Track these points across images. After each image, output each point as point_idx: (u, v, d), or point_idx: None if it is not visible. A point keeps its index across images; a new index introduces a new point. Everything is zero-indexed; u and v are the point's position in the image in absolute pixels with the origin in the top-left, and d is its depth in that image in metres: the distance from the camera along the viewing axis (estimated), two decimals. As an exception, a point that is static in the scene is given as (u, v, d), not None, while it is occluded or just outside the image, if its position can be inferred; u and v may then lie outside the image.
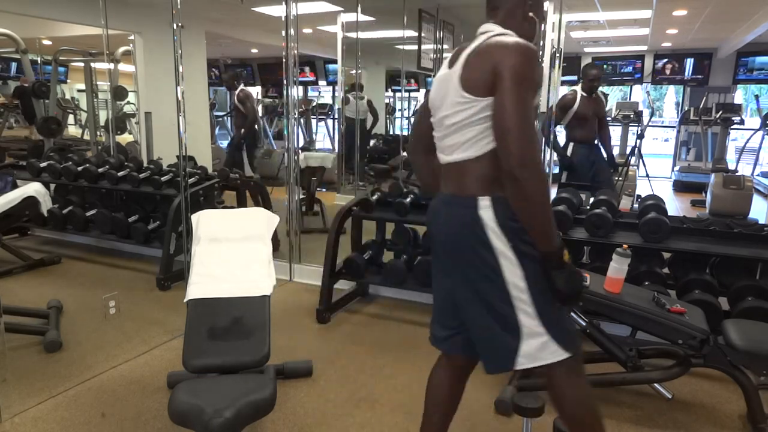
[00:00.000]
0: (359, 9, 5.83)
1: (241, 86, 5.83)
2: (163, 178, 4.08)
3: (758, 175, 8.09)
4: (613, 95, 11.21)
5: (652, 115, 8.76)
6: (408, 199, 3.26)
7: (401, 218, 3.27)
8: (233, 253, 2.40)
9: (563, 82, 9.84)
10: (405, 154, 5.66)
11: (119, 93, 6.54)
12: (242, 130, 5.88)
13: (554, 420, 1.85)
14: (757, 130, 8.03)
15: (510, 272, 1.44)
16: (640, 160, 6.68)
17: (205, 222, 2.52)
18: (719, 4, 5.87)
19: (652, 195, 3.26)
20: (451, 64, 1.51)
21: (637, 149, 6.64)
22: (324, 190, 6.52)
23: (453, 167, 1.52)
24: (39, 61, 7.86)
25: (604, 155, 4.48)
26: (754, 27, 6.59)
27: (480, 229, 1.43)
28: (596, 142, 4.46)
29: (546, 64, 4.28)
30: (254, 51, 10.72)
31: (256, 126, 6.17)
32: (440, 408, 1.75)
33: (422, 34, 6.00)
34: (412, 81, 10.39)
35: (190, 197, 3.57)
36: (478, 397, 2.41)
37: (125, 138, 7.14)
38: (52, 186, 4.59)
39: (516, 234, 1.42)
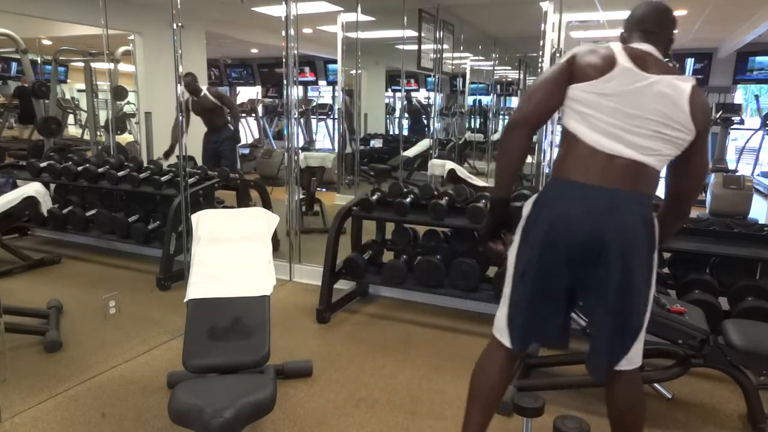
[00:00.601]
0: (359, 9, 5.83)
1: (205, 87, 5.65)
2: (163, 178, 4.08)
3: (758, 175, 8.09)
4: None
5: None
6: (408, 199, 3.26)
7: (401, 218, 3.27)
8: (233, 253, 2.40)
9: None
10: (435, 163, 5.39)
11: (119, 93, 6.54)
12: (229, 125, 5.70)
13: (554, 420, 1.85)
14: (757, 130, 8.04)
15: (654, 273, 1.56)
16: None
17: (205, 222, 2.52)
18: (719, 4, 5.88)
19: (652, 195, 3.25)
20: (645, 68, 1.52)
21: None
22: (324, 190, 6.52)
23: (634, 165, 1.51)
24: (39, 61, 7.87)
25: None
26: (754, 27, 6.60)
27: (652, 228, 1.54)
28: None
29: (546, 64, 4.28)
30: (254, 51, 10.72)
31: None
32: (496, 401, 1.71)
33: (422, 34, 6.00)
34: (412, 81, 10.40)
35: (190, 197, 3.57)
36: (478, 397, 2.41)
37: (125, 138, 7.15)
38: (52, 186, 4.59)
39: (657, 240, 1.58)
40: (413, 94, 10.61)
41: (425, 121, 10.07)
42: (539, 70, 4.38)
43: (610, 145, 1.50)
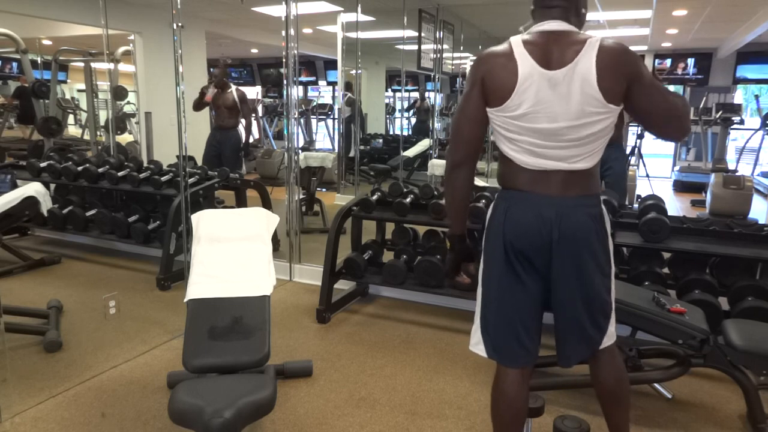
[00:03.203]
0: (359, 9, 5.83)
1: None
2: (163, 178, 4.08)
3: (758, 175, 8.09)
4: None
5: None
6: (408, 199, 3.26)
7: (401, 218, 3.27)
8: (233, 253, 2.40)
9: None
10: (435, 163, 5.36)
11: (119, 93, 6.54)
12: (238, 129, 5.52)
13: (554, 420, 1.85)
14: (757, 130, 8.04)
15: (611, 254, 1.64)
16: (640, 160, 6.68)
17: (205, 222, 2.52)
18: (719, 4, 5.87)
19: (652, 195, 3.26)
20: (548, 65, 1.46)
21: (637, 149, 6.64)
22: (324, 190, 6.52)
23: (567, 175, 1.55)
24: (39, 61, 7.87)
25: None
26: (754, 27, 6.59)
27: (603, 221, 1.61)
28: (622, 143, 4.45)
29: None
30: (254, 51, 10.73)
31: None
32: (522, 421, 1.71)
33: (422, 34, 6.00)
34: (409, 81, 10.40)
35: (190, 197, 3.57)
36: (478, 397, 2.41)
37: (125, 138, 7.14)
38: (52, 186, 4.59)
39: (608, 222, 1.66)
40: (413, 94, 10.61)
41: (429, 122, 10.10)
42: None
43: (537, 162, 1.55)
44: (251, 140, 6.34)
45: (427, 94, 10.51)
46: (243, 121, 5.56)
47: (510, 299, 1.62)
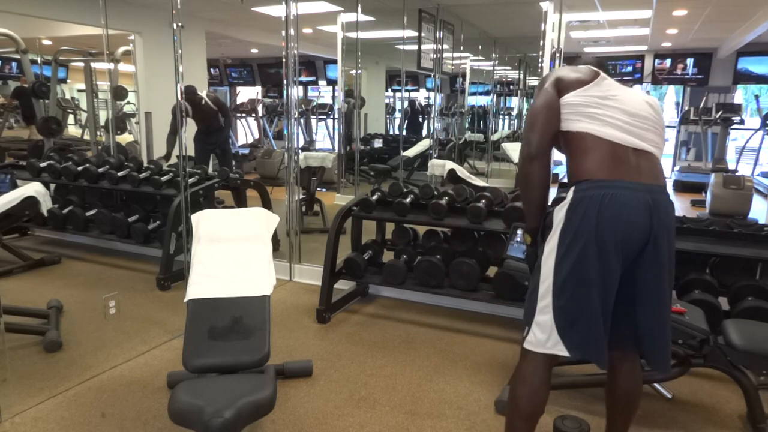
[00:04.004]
0: (359, 9, 5.83)
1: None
2: (163, 178, 4.08)
3: (758, 175, 8.09)
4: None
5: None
6: (408, 199, 3.26)
7: (401, 218, 3.27)
8: (233, 253, 2.40)
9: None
10: (435, 163, 5.20)
11: (119, 93, 6.54)
12: (223, 126, 6.04)
13: (554, 420, 1.85)
14: (757, 130, 8.04)
15: None
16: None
17: (205, 222, 2.52)
18: (719, 4, 5.88)
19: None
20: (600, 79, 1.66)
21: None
22: (324, 190, 6.52)
23: (651, 157, 1.60)
24: (39, 61, 7.87)
25: None
26: (754, 27, 6.60)
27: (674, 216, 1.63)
28: None
29: (546, 64, 4.28)
30: (254, 51, 10.72)
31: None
32: (540, 413, 1.69)
33: (422, 34, 6.00)
34: (409, 81, 10.42)
35: (190, 197, 3.57)
36: (478, 397, 2.41)
37: (125, 138, 7.14)
38: (52, 186, 4.59)
39: None
40: (413, 94, 10.62)
41: (422, 123, 10.14)
42: (539, 70, 4.38)
43: (625, 138, 1.58)
44: (252, 141, 6.61)
45: (427, 94, 10.53)
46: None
47: (601, 296, 1.54)
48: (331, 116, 10.13)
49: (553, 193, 1.95)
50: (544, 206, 1.69)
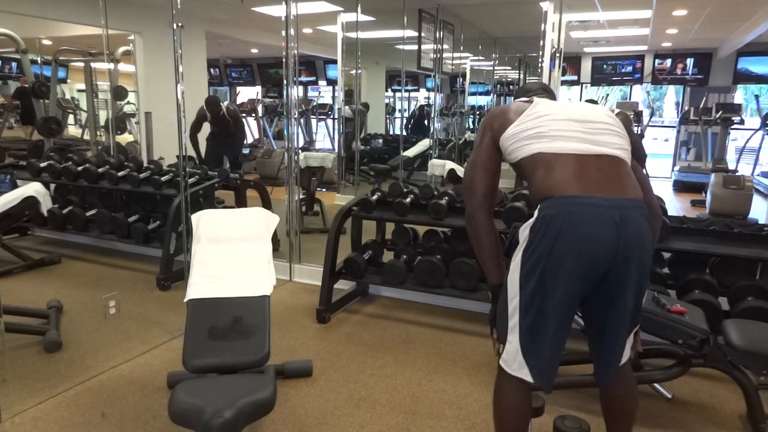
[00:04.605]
0: (359, 9, 5.83)
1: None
2: (163, 178, 4.08)
3: (758, 175, 8.09)
4: (613, 95, 11.22)
5: (652, 115, 8.77)
6: (408, 199, 3.26)
7: (401, 218, 3.27)
8: (233, 253, 2.40)
9: (563, 82, 9.87)
10: (435, 163, 5.26)
11: (119, 93, 6.54)
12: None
13: (554, 420, 1.85)
14: (757, 130, 8.04)
15: None
16: (640, 160, 6.63)
17: (206, 222, 2.52)
18: (719, 4, 5.88)
19: (652, 195, 3.25)
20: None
21: (637, 149, 6.58)
22: (324, 190, 6.52)
23: (614, 163, 1.49)
24: (39, 61, 7.87)
25: None
26: (754, 27, 6.60)
27: (652, 232, 1.50)
28: None
29: (546, 64, 4.28)
30: (254, 51, 10.73)
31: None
32: (527, 424, 1.67)
33: (422, 34, 6.00)
34: (409, 81, 10.42)
35: (190, 197, 3.57)
36: (478, 397, 2.41)
37: (125, 138, 7.15)
38: (52, 186, 4.59)
39: None
40: (413, 94, 10.61)
41: (428, 126, 10.13)
42: (539, 70, 4.38)
43: (579, 147, 1.48)
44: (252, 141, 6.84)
45: (427, 94, 10.52)
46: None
47: (560, 321, 1.47)
48: (331, 116, 10.13)
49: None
50: (497, 254, 1.64)
